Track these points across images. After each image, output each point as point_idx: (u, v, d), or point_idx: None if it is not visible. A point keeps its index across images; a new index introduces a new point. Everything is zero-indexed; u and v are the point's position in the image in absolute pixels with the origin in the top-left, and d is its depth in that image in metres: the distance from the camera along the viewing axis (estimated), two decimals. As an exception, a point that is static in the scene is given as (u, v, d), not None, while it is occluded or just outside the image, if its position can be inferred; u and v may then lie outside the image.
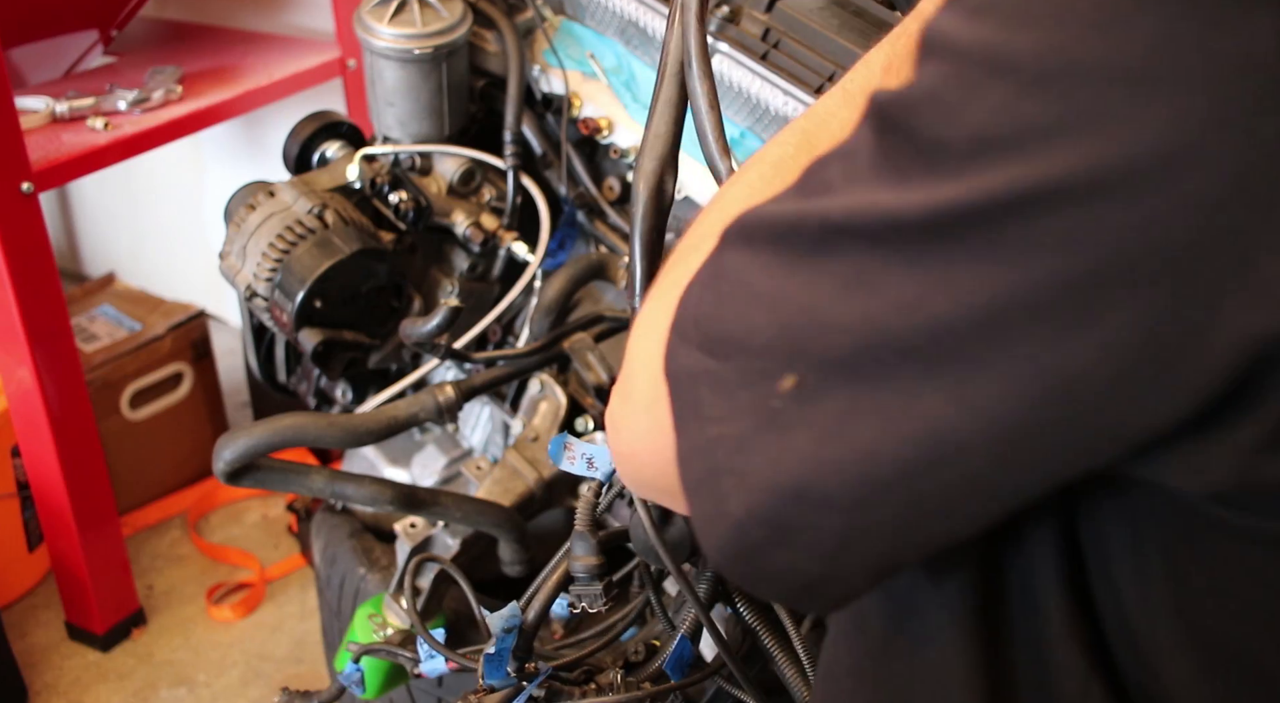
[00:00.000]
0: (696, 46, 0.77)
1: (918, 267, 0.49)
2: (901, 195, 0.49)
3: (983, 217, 0.47)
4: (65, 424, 1.76)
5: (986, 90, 0.47)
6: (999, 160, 0.46)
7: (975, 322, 0.48)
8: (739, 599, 0.97)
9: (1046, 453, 0.50)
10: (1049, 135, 0.45)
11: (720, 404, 0.56)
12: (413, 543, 1.32)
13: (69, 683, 1.88)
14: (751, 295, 0.55)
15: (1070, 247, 0.45)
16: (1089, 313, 0.46)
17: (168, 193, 2.67)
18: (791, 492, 0.53)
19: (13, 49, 1.83)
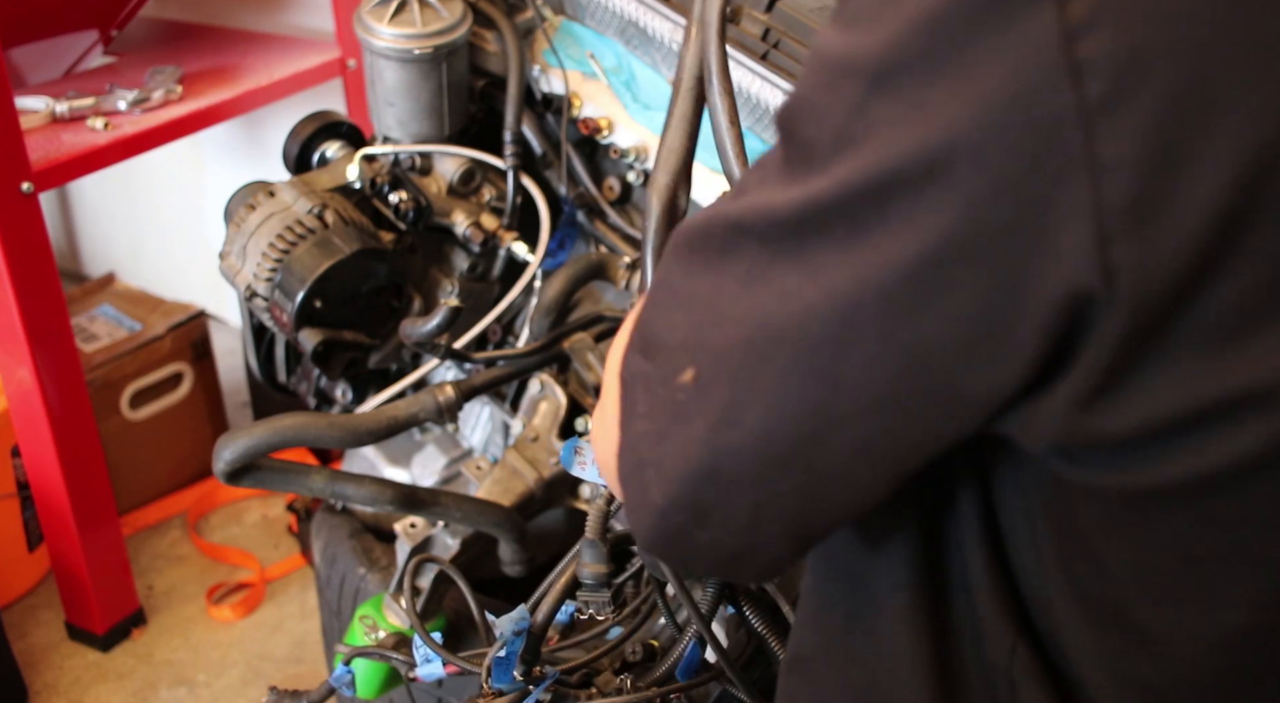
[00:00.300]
0: (717, 63, 0.79)
1: (796, 259, 0.54)
2: (784, 193, 0.54)
3: (842, 206, 0.52)
4: (65, 424, 1.76)
5: (843, 90, 0.52)
6: (854, 153, 0.51)
7: (839, 306, 0.53)
8: (745, 603, 0.98)
9: (914, 420, 0.55)
10: (888, 126, 0.50)
11: (646, 401, 0.62)
12: (413, 543, 1.32)
13: (69, 683, 1.88)
14: (675, 299, 0.60)
15: (913, 229, 0.50)
16: (932, 290, 0.51)
17: (168, 193, 2.67)
18: (701, 476, 0.59)
19: (13, 49, 1.83)
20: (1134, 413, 0.51)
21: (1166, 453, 0.52)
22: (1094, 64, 0.46)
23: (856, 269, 0.52)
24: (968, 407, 0.54)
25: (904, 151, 0.50)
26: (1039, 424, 0.53)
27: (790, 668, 0.76)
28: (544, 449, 1.37)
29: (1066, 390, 0.51)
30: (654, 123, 1.43)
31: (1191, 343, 0.49)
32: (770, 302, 0.55)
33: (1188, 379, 0.49)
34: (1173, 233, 0.47)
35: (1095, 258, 0.48)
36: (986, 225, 0.49)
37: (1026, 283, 0.49)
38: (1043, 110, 0.47)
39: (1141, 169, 0.47)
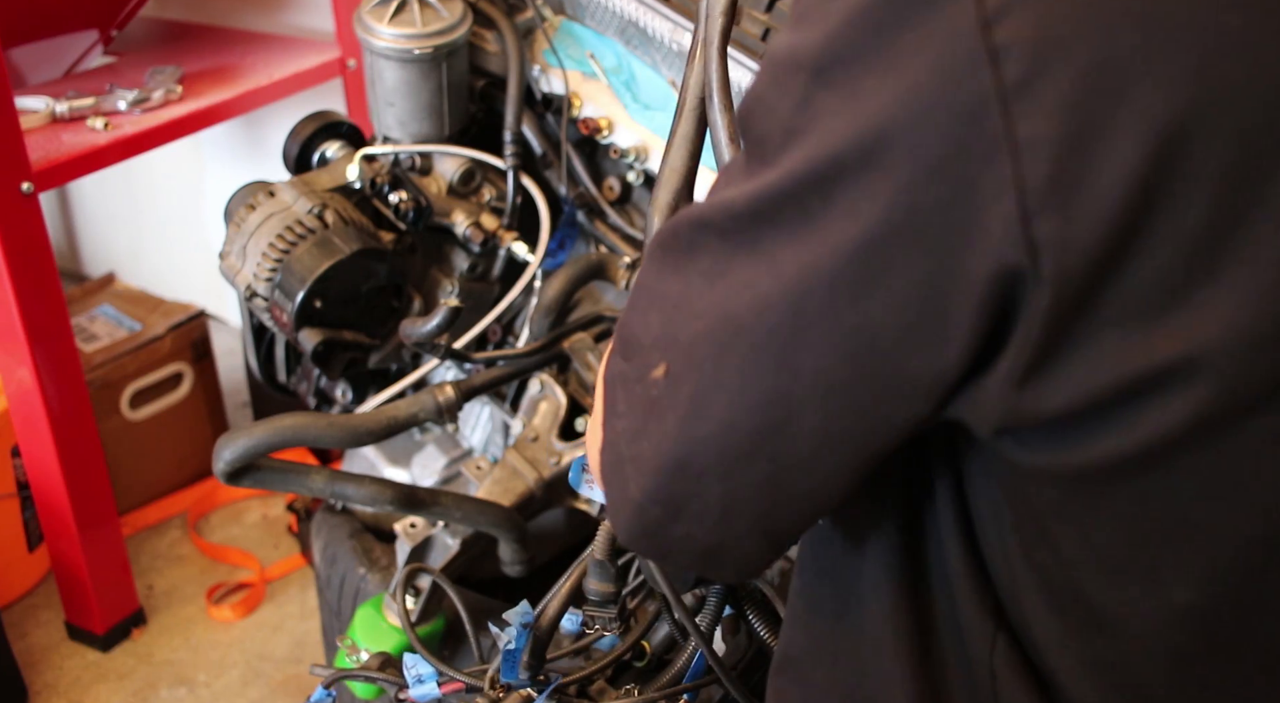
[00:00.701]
0: (718, 80, 0.80)
1: (752, 251, 0.56)
2: (740, 188, 0.57)
3: (790, 195, 0.54)
4: (65, 424, 1.76)
5: (789, 85, 0.54)
6: (799, 144, 0.54)
7: (790, 294, 0.55)
8: (749, 608, 0.98)
9: (868, 404, 0.56)
10: (828, 117, 0.52)
11: (624, 400, 0.63)
12: (413, 543, 1.32)
13: (69, 683, 1.88)
14: (649, 299, 0.62)
15: (854, 214, 0.52)
16: (874, 273, 0.52)
17: (168, 193, 2.67)
18: (673, 469, 0.60)
19: (13, 49, 1.83)
20: (1066, 389, 0.52)
21: (1101, 428, 0.53)
22: (1009, 48, 0.48)
23: (806, 256, 0.54)
24: (916, 389, 0.55)
25: (842, 140, 0.52)
26: (983, 406, 0.55)
27: (779, 669, 0.76)
28: (544, 449, 1.37)
29: (1004, 369, 0.53)
30: (654, 123, 1.43)
31: (1116, 316, 0.50)
32: (730, 294, 0.57)
33: (1115, 353, 0.51)
34: (1091, 207, 0.49)
35: (1019, 234, 0.49)
36: (919, 208, 0.51)
37: (959, 263, 0.51)
38: (965, 95, 0.49)
39: (1057, 147, 0.48)
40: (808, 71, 0.53)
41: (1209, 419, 0.51)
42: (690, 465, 0.60)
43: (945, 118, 0.49)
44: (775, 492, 0.60)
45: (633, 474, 0.63)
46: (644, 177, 1.49)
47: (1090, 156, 0.48)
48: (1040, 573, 0.61)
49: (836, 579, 0.71)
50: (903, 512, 0.67)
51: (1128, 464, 0.54)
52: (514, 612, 0.93)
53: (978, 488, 0.63)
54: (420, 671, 1.02)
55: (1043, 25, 0.48)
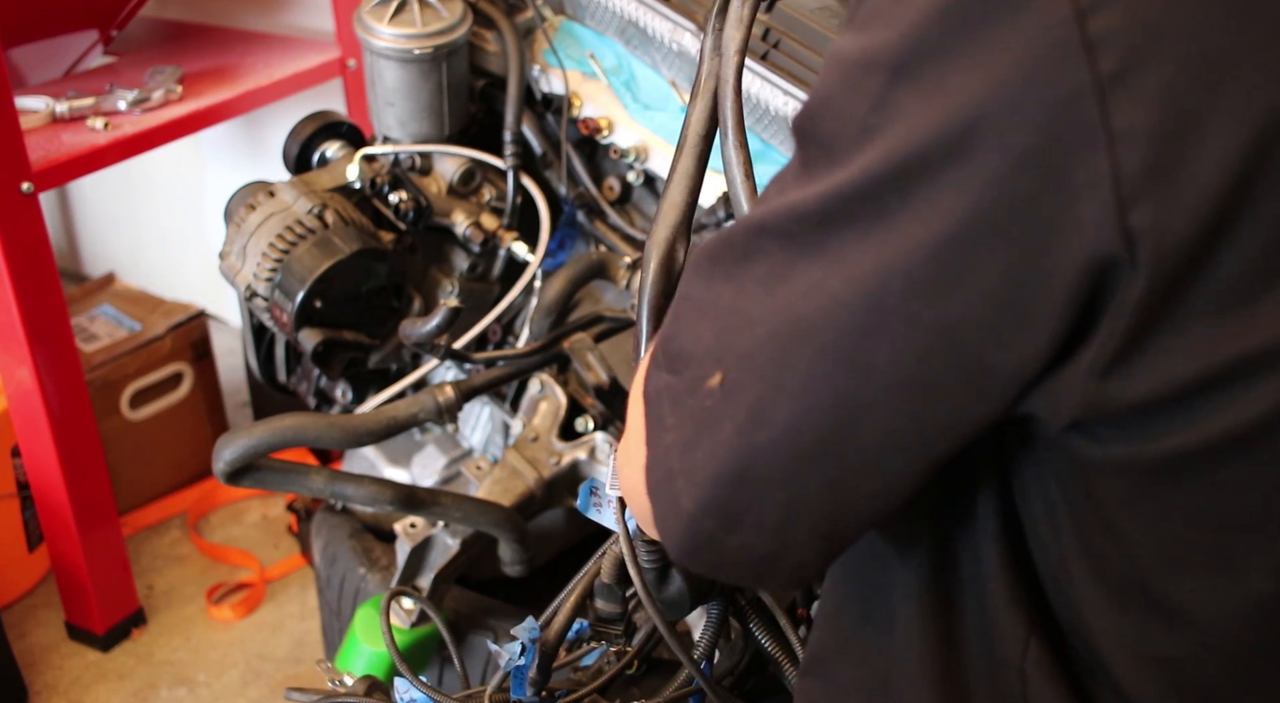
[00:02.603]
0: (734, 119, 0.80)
1: (820, 252, 0.55)
2: (806, 190, 0.55)
3: (867, 193, 0.53)
4: (65, 424, 1.76)
5: (864, 85, 0.54)
6: (876, 141, 0.53)
7: (865, 293, 0.54)
8: (752, 617, 0.98)
9: (942, 402, 0.56)
10: (909, 112, 0.52)
11: (673, 414, 0.62)
12: (413, 543, 1.32)
13: (69, 683, 1.88)
14: (698, 310, 0.61)
15: (937, 209, 0.51)
16: (958, 269, 0.52)
17: (168, 193, 2.67)
18: (731, 479, 0.59)
19: (13, 49, 1.83)
20: (1151, 378, 0.52)
21: (1184, 418, 0.53)
22: (1105, 39, 0.48)
23: (881, 254, 0.53)
24: (995, 384, 0.54)
25: (926, 133, 0.51)
26: (1061, 398, 0.54)
27: (807, 670, 0.76)
28: (544, 449, 1.37)
29: (1088, 359, 0.52)
30: (654, 123, 1.43)
31: (1206, 306, 0.50)
32: (794, 298, 0.56)
33: (1203, 342, 0.51)
34: (1188, 197, 0.49)
35: (1115, 223, 0.49)
36: (1009, 201, 0.50)
37: (1049, 254, 0.50)
38: (1058, 86, 0.49)
39: (1155, 137, 0.48)
40: (886, 69, 0.53)
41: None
42: (750, 474, 0.59)
43: (1038, 109, 0.49)
44: (838, 496, 0.59)
45: (685, 487, 0.61)
46: (644, 176, 1.49)
47: (1188, 146, 0.48)
48: (1099, 567, 0.61)
49: (867, 581, 0.70)
50: (938, 514, 0.66)
51: (1208, 454, 0.53)
52: (521, 628, 0.92)
53: (1029, 487, 0.62)
54: (412, 696, 1.01)
55: (1139, 16, 0.48)
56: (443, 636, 1.33)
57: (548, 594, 1.03)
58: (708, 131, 0.84)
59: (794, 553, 0.62)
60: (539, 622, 0.95)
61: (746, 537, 0.61)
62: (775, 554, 0.62)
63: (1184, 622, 0.59)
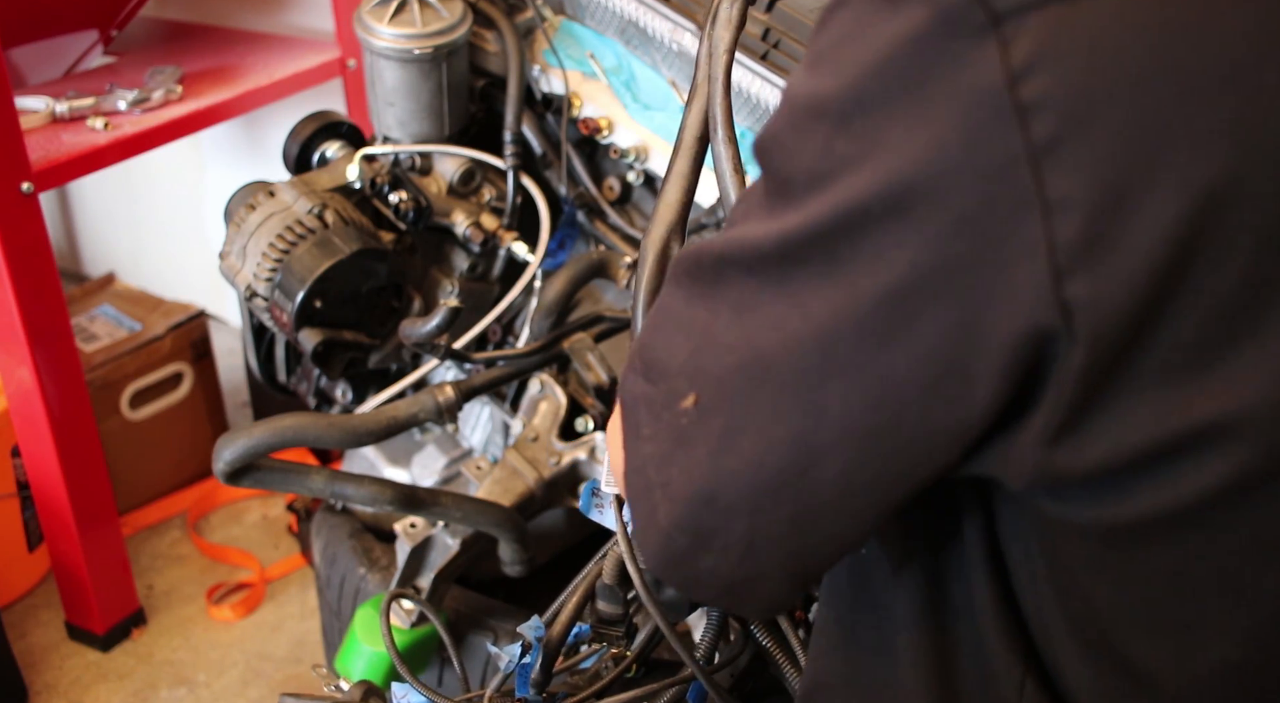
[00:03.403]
0: (723, 114, 0.81)
1: (782, 288, 0.56)
2: (766, 226, 0.56)
3: (818, 240, 0.53)
4: (65, 424, 1.76)
5: (811, 132, 0.54)
6: (825, 190, 0.53)
7: (819, 337, 0.54)
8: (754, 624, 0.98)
9: (892, 451, 0.55)
10: (853, 165, 0.52)
11: (650, 424, 0.63)
12: (413, 543, 1.32)
13: (69, 683, 1.88)
14: (675, 324, 0.62)
15: (881, 263, 0.52)
16: (900, 323, 0.52)
17: (168, 193, 2.67)
18: (702, 501, 0.60)
19: (13, 49, 1.83)
20: (1101, 448, 0.51)
21: (1137, 487, 0.52)
22: (1038, 106, 0.48)
23: (835, 300, 0.53)
24: (941, 441, 0.54)
25: (868, 190, 0.51)
26: (1014, 461, 0.54)
27: (805, 697, 0.76)
28: (544, 449, 1.37)
29: (1035, 426, 0.52)
30: (654, 123, 1.43)
31: (1151, 377, 0.50)
32: (760, 330, 0.56)
33: (1150, 414, 0.50)
34: (1126, 268, 0.48)
35: (1050, 295, 0.49)
36: (946, 262, 0.50)
37: (987, 320, 0.50)
38: (993, 152, 0.48)
39: (1091, 207, 0.48)
40: (830, 119, 0.53)
41: (1248, 480, 0.50)
42: (718, 499, 0.59)
43: (972, 174, 0.49)
44: (801, 531, 0.60)
45: (661, 501, 0.62)
46: (644, 176, 1.49)
47: (1124, 217, 0.47)
48: (1074, 622, 0.60)
49: (863, 610, 0.70)
50: (929, 543, 0.66)
51: (1165, 521, 0.53)
52: (526, 626, 0.92)
53: (1009, 531, 0.62)
54: (411, 699, 1.00)
55: (1073, 82, 0.47)
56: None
57: (548, 594, 1.03)
58: (703, 134, 0.85)
59: (762, 581, 0.63)
60: (543, 620, 0.95)
61: (716, 560, 0.61)
62: (744, 580, 0.63)
63: (1154, 683, 0.58)
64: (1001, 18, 0.48)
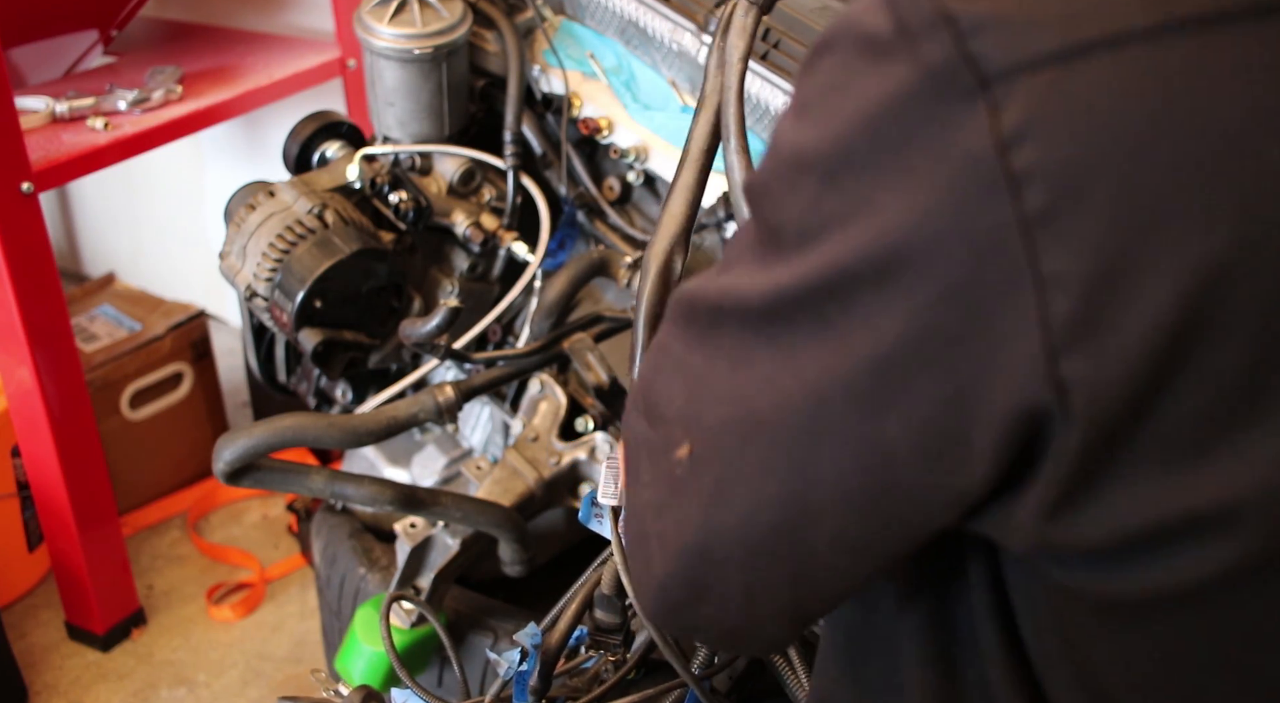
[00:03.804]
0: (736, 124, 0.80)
1: (773, 345, 0.54)
2: (755, 278, 0.55)
3: (807, 300, 0.52)
4: (65, 424, 1.76)
5: (799, 186, 0.52)
6: (813, 248, 0.51)
7: (810, 398, 0.52)
8: None
9: (888, 513, 0.54)
10: (841, 223, 0.50)
11: (649, 470, 0.61)
12: (413, 543, 1.32)
13: (69, 683, 1.88)
14: (674, 366, 0.60)
15: (872, 327, 0.50)
16: (892, 390, 0.50)
17: (168, 193, 2.67)
18: (695, 554, 0.58)
19: (13, 49, 1.83)
20: (1098, 527, 0.50)
21: (1136, 566, 0.51)
22: (1030, 176, 0.45)
23: (826, 360, 0.52)
24: (937, 505, 0.53)
25: (855, 251, 0.49)
26: (1012, 529, 0.52)
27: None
28: (544, 449, 1.37)
29: (1032, 499, 0.50)
30: (654, 123, 1.43)
31: (1150, 458, 0.48)
32: (752, 385, 0.55)
33: (1149, 496, 0.48)
34: (1123, 348, 0.46)
35: (1045, 373, 0.47)
36: (937, 332, 0.48)
37: (979, 394, 0.48)
38: (982, 221, 0.46)
39: (1086, 283, 0.46)
40: (817, 173, 0.51)
41: (1251, 565, 0.49)
42: (712, 553, 0.58)
43: (961, 244, 0.47)
44: (798, 584, 0.59)
45: (657, 552, 0.61)
46: (644, 176, 1.49)
47: (1122, 293, 0.45)
48: (1078, 677, 0.59)
49: (870, 638, 0.69)
50: (936, 584, 0.65)
51: (1164, 600, 0.51)
52: (523, 634, 0.92)
53: (1014, 580, 0.60)
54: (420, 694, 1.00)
55: (1066, 152, 0.45)
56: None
57: (548, 594, 1.03)
58: (710, 146, 0.84)
59: (762, 628, 0.62)
60: (540, 627, 0.95)
61: (714, 610, 0.61)
62: (744, 627, 0.62)
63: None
64: (991, 81, 0.46)
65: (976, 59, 0.46)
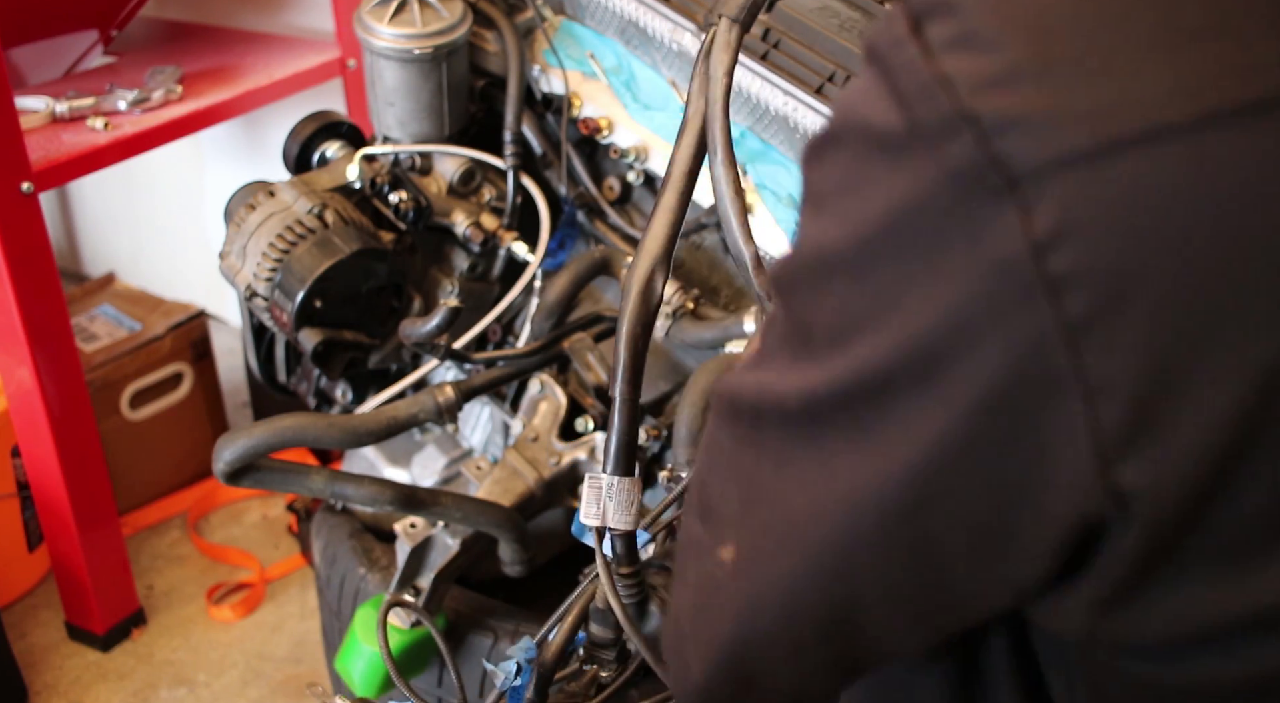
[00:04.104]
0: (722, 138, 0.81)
1: (812, 446, 0.52)
2: (789, 377, 0.53)
3: (842, 404, 0.50)
4: (65, 424, 1.76)
5: (826, 285, 0.50)
6: (845, 349, 0.49)
7: (845, 506, 0.51)
8: None
9: (934, 607, 0.53)
10: (873, 325, 0.48)
11: (695, 570, 0.60)
12: (413, 543, 1.32)
13: (69, 683, 1.88)
14: (728, 465, 0.58)
15: (910, 435, 0.48)
16: (933, 498, 0.48)
17: (168, 193, 2.67)
18: (738, 654, 0.58)
19: (13, 49, 1.83)
20: (1153, 623, 0.48)
21: (1192, 660, 0.49)
22: (1070, 279, 0.43)
23: (864, 469, 0.50)
24: (986, 600, 0.52)
25: (889, 354, 0.47)
26: (1062, 618, 0.51)
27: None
28: (544, 449, 1.37)
29: (1085, 593, 0.49)
30: (654, 123, 1.43)
31: (1209, 559, 0.47)
32: (792, 487, 0.53)
33: (1208, 595, 0.47)
34: (1179, 454, 0.44)
35: (1097, 480, 0.45)
36: (979, 439, 0.46)
37: (1029, 499, 0.47)
38: (1022, 327, 0.44)
39: (1138, 390, 0.43)
40: (843, 274, 0.49)
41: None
42: (752, 651, 0.57)
43: (1000, 350, 0.44)
44: (843, 665, 0.58)
45: (694, 656, 0.60)
46: (644, 176, 1.49)
47: (1176, 400, 0.43)
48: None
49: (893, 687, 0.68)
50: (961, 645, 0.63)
51: (1219, 693, 0.50)
52: (517, 648, 0.92)
53: (1046, 647, 0.59)
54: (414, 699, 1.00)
55: (1107, 254, 0.42)
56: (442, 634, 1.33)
57: (548, 594, 1.02)
58: (693, 168, 0.84)
59: (812, 697, 0.61)
60: (534, 641, 0.94)
61: (760, 697, 0.60)
62: (791, 700, 0.62)
63: None
64: (1020, 181, 0.43)
65: (1004, 159, 0.43)
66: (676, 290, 1.35)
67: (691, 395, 1.20)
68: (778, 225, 1.29)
